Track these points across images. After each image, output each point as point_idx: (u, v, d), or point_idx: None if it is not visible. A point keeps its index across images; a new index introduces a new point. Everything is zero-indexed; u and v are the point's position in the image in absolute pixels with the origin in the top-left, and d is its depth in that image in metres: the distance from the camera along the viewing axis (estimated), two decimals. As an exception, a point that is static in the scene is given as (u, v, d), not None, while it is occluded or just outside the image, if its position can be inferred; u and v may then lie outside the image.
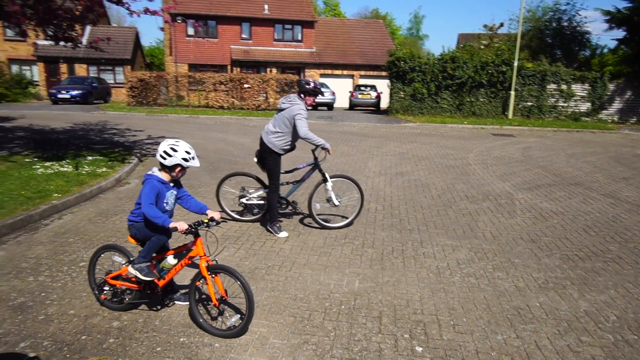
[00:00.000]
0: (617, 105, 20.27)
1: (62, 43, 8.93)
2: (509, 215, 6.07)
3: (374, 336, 3.12)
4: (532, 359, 2.88)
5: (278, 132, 5.02)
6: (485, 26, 24.47)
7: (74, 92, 23.72)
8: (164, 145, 3.07)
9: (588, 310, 3.52)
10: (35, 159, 8.24)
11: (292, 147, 5.24)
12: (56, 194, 6.05)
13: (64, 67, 30.34)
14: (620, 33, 21.16)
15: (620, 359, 2.90)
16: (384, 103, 25.25)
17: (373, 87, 26.74)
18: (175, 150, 3.05)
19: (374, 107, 26.08)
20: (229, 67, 30.63)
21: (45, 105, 23.52)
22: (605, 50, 25.81)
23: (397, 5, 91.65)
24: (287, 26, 31.88)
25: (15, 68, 29.72)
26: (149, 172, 3.15)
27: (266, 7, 31.24)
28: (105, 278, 3.39)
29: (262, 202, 5.38)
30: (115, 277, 3.35)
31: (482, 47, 22.50)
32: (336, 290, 3.79)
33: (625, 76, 20.10)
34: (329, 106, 25.29)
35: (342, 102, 28.99)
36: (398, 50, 20.52)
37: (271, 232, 5.13)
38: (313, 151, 5.22)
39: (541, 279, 4.08)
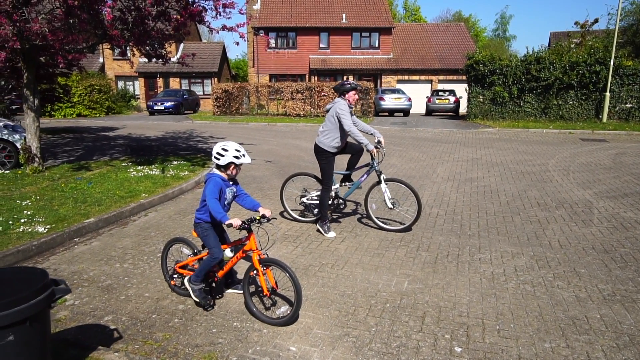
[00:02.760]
0: None
1: (154, 60, 10.00)
2: (583, 224, 5.67)
3: (414, 334, 3.18)
4: (580, 370, 2.76)
5: (325, 130, 5.31)
6: (576, 23, 22.60)
7: (168, 104, 26.13)
8: (217, 148, 3.37)
9: (657, 325, 3.24)
10: (130, 164, 9.32)
11: (344, 145, 5.41)
12: (144, 194, 6.82)
13: (160, 81, 33.48)
14: None
15: (684, 378, 2.66)
16: (463, 108, 24.41)
17: (452, 92, 25.96)
18: (226, 150, 3.33)
19: (453, 113, 25.30)
20: (307, 76, 31.62)
21: (144, 116, 26.18)
22: None
23: (482, 6, 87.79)
24: (364, 34, 32.15)
25: (120, 84, 33.46)
26: (211, 172, 3.47)
27: (344, 16, 31.82)
28: (174, 267, 3.80)
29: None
30: (183, 267, 3.74)
31: (572, 46, 20.83)
32: (384, 289, 3.89)
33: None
34: (405, 112, 25.03)
35: (419, 107, 28.53)
36: (477, 53, 19.80)
37: (320, 232, 5.33)
38: (370, 152, 5.30)
39: (607, 290, 3.81)
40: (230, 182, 3.52)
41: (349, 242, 5.05)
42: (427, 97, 27.03)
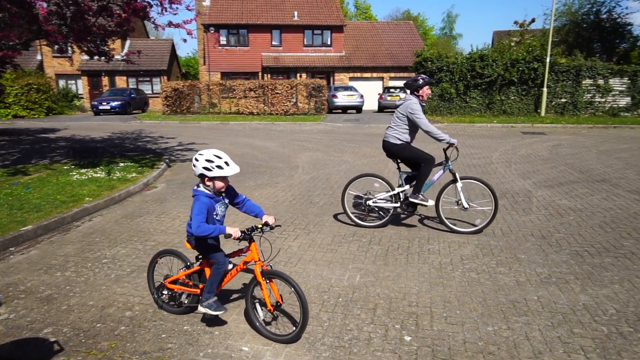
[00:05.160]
0: (660, 98, 19.25)
1: (96, 57, 9.55)
2: (523, 212, 6.00)
3: (365, 326, 3.24)
4: (519, 349, 2.92)
5: (394, 127, 5.33)
6: (516, 22, 23.81)
7: (114, 103, 25.03)
8: (202, 161, 2.93)
9: (587, 304, 3.49)
10: (73, 167, 8.85)
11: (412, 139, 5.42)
12: (88, 198, 6.51)
13: (105, 80, 32.00)
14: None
15: (610, 350, 2.89)
16: (413, 104, 25.03)
17: (403, 89, 26.58)
18: (197, 160, 2.95)
19: (404, 109, 25.89)
20: (259, 74, 31.33)
21: (88, 116, 24.95)
22: (647, 42, 24.55)
23: (430, 5, 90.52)
24: (316, 31, 32.28)
25: (62, 83, 31.66)
26: (196, 188, 3.04)
27: (296, 13, 31.79)
28: (163, 282, 3.43)
29: (388, 204, 5.42)
30: (174, 282, 3.39)
31: (513, 44, 21.94)
32: (337, 284, 3.93)
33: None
34: (358, 109, 25.38)
35: (372, 104, 29.03)
36: (425, 51, 20.40)
37: (419, 203, 5.27)
38: (444, 150, 5.29)
39: (544, 273, 4.06)
40: (222, 196, 3.12)
41: (302, 239, 5.07)
42: (379, 94, 27.57)
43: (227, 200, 3.16)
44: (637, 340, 3.00)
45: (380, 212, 5.62)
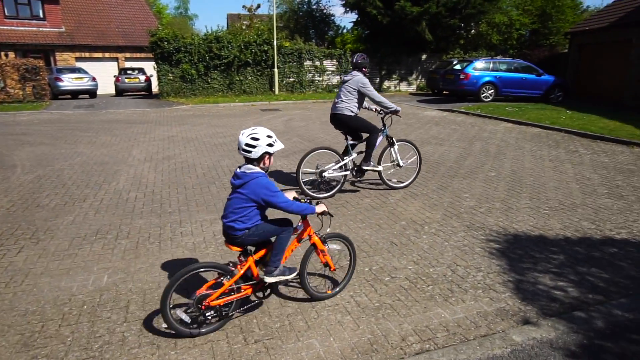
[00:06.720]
0: (359, 77, 24.00)
1: None
2: (266, 182, 6.63)
3: (118, 327, 3.02)
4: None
5: (345, 100, 5.87)
6: (244, 7, 25.33)
7: None
8: (245, 138, 2.84)
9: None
10: None
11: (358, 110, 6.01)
12: None
13: None
14: (354, 16, 24.91)
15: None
16: (155, 87, 23.89)
17: (141, 70, 24.88)
18: (256, 139, 2.84)
19: (145, 92, 24.42)
20: (-61, 51, 23.80)
21: None
22: (345, 31, 30.09)
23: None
24: (21, 1, 26.45)
25: None
26: (252, 171, 2.87)
27: (-16, -25, 25.19)
28: (203, 304, 2.85)
29: (340, 173, 5.96)
30: (220, 296, 2.91)
31: (244, 27, 23.31)
32: (79, 291, 3.50)
33: (362, 53, 23.89)
34: (91, 93, 22.44)
35: (108, 88, 26.14)
36: (160, 31, 19.52)
37: (369, 169, 6.02)
38: (382, 118, 6.17)
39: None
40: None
41: (29, 251, 4.25)
42: (114, 76, 25.01)
43: None
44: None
45: (332, 183, 6.14)
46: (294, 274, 3.13)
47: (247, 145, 2.84)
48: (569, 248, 4.35)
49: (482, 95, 16.81)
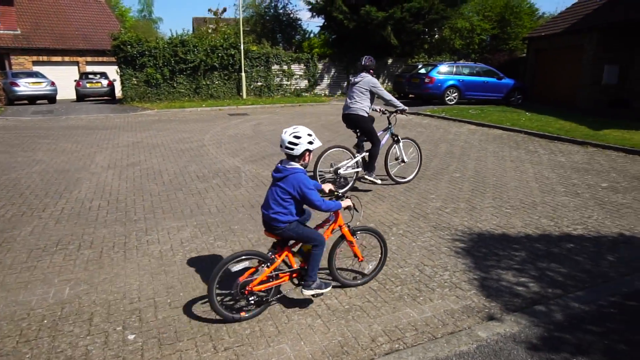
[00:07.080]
0: (326, 81, 24.14)
1: None
2: (234, 187, 6.57)
3: (81, 340, 2.92)
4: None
5: (358, 100, 6.16)
6: (210, 10, 25.06)
7: None
8: (287, 137, 3.05)
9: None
10: None
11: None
12: None
13: None
14: (321, 20, 25.08)
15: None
16: (119, 91, 23.25)
17: (104, 75, 24.18)
18: (298, 137, 3.04)
19: (108, 97, 23.72)
20: None
21: None
22: (313, 35, 30.22)
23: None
24: (-30, 2, 25.25)
25: None
26: (291, 166, 3.07)
27: None
28: (246, 289, 3.08)
29: (353, 170, 6.29)
30: (260, 282, 3.12)
31: (210, 31, 23.04)
32: (39, 305, 3.36)
33: (329, 57, 24.07)
34: (50, 99, 21.58)
35: (68, 93, 25.22)
36: (122, 34, 19.02)
37: (371, 181, 6.28)
38: (388, 118, 6.56)
39: (254, 238, 4.60)
40: None
41: (-17, 265, 4.05)
42: (75, 80, 24.18)
43: None
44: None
45: (347, 180, 6.41)
46: (329, 289, 3.33)
47: (290, 143, 3.06)
48: (529, 245, 4.52)
49: (447, 99, 17.26)
